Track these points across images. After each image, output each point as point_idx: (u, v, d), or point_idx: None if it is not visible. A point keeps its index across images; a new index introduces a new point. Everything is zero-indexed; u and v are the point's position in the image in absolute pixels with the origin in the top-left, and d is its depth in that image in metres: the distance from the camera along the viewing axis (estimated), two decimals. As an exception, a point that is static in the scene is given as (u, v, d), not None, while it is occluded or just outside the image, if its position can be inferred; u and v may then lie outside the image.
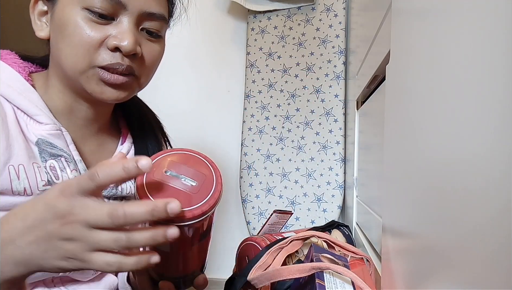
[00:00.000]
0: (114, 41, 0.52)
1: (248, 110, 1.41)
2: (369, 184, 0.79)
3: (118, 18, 0.53)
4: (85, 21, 0.51)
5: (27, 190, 0.51)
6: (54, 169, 0.54)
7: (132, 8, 0.53)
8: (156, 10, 0.56)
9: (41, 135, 0.53)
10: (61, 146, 0.55)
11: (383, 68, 0.56)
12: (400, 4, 0.45)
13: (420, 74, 0.35)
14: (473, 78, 0.23)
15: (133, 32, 0.53)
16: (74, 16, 0.51)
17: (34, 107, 0.54)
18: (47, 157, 0.54)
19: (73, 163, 0.56)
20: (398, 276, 0.41)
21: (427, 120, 0.32)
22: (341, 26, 1.33)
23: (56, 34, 0.54)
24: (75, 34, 0.51)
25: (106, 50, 0.52)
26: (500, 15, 0.20)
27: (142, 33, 0.56)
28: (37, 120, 0.54)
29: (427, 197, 0.31)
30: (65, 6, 0.52)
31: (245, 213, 1.38)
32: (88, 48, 0.52)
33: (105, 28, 0.52)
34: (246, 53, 1.44)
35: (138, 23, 0.55)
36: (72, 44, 0.52)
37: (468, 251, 0.23)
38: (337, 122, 1.31)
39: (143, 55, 0.56)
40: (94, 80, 0.53)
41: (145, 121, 0.70)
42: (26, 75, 0.56)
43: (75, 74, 0.53)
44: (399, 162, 0.43)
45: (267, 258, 0.59)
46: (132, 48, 0.52)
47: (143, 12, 0.54)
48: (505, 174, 0.18)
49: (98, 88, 0.54)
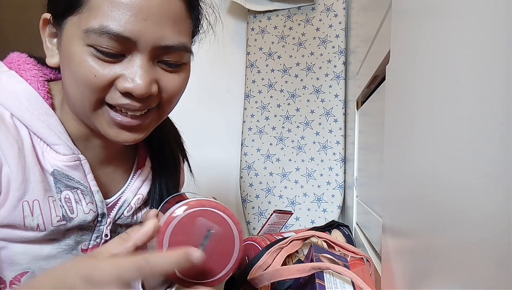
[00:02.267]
0: (124, 83, 0.45)
1: (248, 110, 1.41)
2: (369, 184, 0.79)
3: (130, 54, 0.46)
4: (91, 59, 0.44)
5: (40, 226, 0.49)
6: (69, 201, 0.51)
7: (144, 44, 0.45)
8: (174, 41, 0.47)
9: (57, 167, 0.50)
10: (78, 178, 0.52)
11: (383, 68, 0.56)
12: (400, 4, 0.45)
13: (420, 74, 0.35)
14: (473, 78, 0.23)
15: (147, 71, 0.46)
16: (79, 53, 0.44)
17: (53, 134, 0.49)
18: (62, 188, 0.50)
19: (90, 195, 0.53)
20: (398, 276, 0.41)
21: (427, 120, 0.32)
22: (341, 26, 1.33)
23: (63, 67, 0.48)
24: (80, 73, 0.45)
25: (117, 93, 0.46)
26: (500, 15, 0.20)
27: (160, 65, 0.49)
28: (55, 149, 0.50)
29: (427, 197, 0.31)
30: (69, 39, 0.46)
31: (245, 213, 1.38)
32: (95, 89, 0.45)
33: (115, 66, 0.45)
34: (246, 53, 1.44)
35: (153, 58, 0.47)
36: (78, 82, 0.45)
37: (468, 251, 0.23)
38: (337, 122, 1.31)
39: (161, 89, 0.49)
40: (106, 121, 0.48)
41: (165, 142, 0.64)
42: (45, 93, 0.51)
43: (84, 111, 0.48)
44: (399, 162, 0.43)
45: (267, 258, 0.59)
46: (146, 91, 0.46)
47: (158, 46, 0.46)
48: (506, 174, 0.18)
49: (111, 131, 0.48)
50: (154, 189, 0.62)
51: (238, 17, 1.51)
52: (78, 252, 0.54)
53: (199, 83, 1.54)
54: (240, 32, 1.50)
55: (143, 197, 0.61)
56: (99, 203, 0.54)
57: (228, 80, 1.52)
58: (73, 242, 0.53)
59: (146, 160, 0.63)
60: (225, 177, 1.50)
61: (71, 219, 0.51)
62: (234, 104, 1.51)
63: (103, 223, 0.56)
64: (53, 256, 0.52)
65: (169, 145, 0.66)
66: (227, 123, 1.52)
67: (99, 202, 0.54)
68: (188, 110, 1.54)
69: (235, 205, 1.49)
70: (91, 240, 0.55)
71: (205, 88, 1.54)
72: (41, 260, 0.51)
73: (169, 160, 0.64)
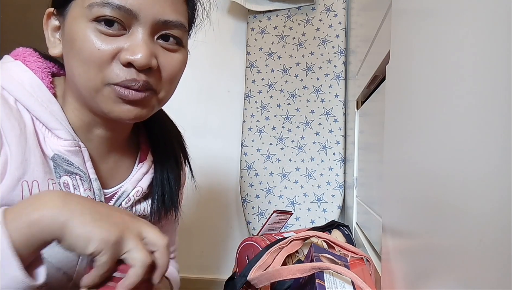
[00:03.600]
0: (126, 55, 0.47)
1: (248, 110, 1.41)
2: (369, 184, 0.79)
3: (131, 29, 0.48)
4: (94, 34, 0.47)
5: None
6: (68, 186, 0.52)
7: (145, 17, 0.48)
8: (173, 17, 0.50)
9: (58, 151, 0.51)
10: (77, 163, 0.53)
11: (383, 68, 0.56)
12: (400, 4, 0.45)
13: (420, 74, 0.35)
14: (473, 77, 0.23)
15: (147, 43, 0.48)
16: (83, 30, 0.47)
17: (55, 120, 0.51)
18: (61, 173, 0.52)
19: (88, 182, 0.54)
20: (398, 276, 0.41)
21: (427, 120, 0.32)
22: (341, 26, 1.33)
23: (67, 51, 0.50)
24: (84, 49, 0.47)
25: (119, 65, 0.48)
26: (500, 15, 0.20)
27: (159, 43, 0.51)
28: (56, 134, 0.51)
29: (427, 197, 0.31)
30: (74, 20, 0.48)
31: (245, 213, 1.38)
32: (100, 64, 0.47)
33: (117, 40, 0.48)
34: (246, 53, 1.44)
35: (153, 33, 0.50)
36: (83, 59, 0.47)
37: (467, 251, 0.23)
38: (337, 122, 1.31)
39: (160, 67, 0.51)
40: (112, 99, 0.49)
41: (167, 139, 0.66)
42: (49, 83, 0.53)
43: (90, 93, 0.49)
44: (399, 162, 0.43)
45: (267, 258, 0.59)
46: (147, 62, 0.48)
47: (158, 20, 0.49)
48: (506, 174, 0.18)
49: (116, 107, 0.50)
50: (156, 183, 0.63)
51: (238, 17, 1.51)
52: None
53: (199, 83, 1.54)
54: (240, 32, 1.50)
55: (143, 190, 0.61)
56: (96, 191, 0.55)
57: (228, 80, 1.52)
58: None
59: (148, 155, 0.64)
60: (225, 177, 1.50)
61: None
62: (234, 104, 1.51)
63: None
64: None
65: (171, 143, 0.67)
66: (227, 123, 1.52)
67: (97, 190, 0.55)
68: (188, 110, 1.54)
69: (235, 205, 1.49)
70: None
71: (205, 88, 1.54)
72: None
73: (170, 157, 0.65)
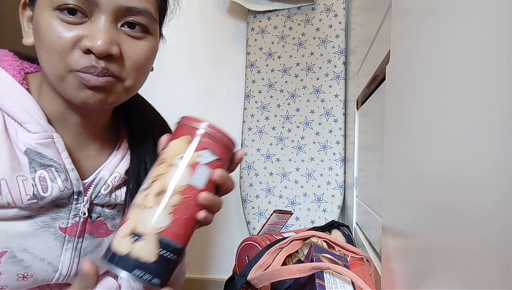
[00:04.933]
0: (86, 42, 0.48)
1: (248, 110, 1.41)
2: (369, 184, 0.79)
3: (93, 16, 0.49)
4: (57, 22, 0.48)
5: (11, 204, 0.50)
6: (44, 179, 0.52)
7: (106, 4, 0.48)
8: (136, 3, 0.50)
9: (29, 145, 0.51)
10: (51, 155, 0.53)
11: (383, 68, 0.56)
12: (400, 4, 0.45)
13: (420, 74, 0.35)
14: (473, 77, 0.23)
15: (107, 31, 0.48)
16: (46, 18, 0.48)
17: (25, 113, 0.52)
18: (37, 167, 0.52)
19: (64, 172, 0.54)
20: (398, 276, 0.41)
21: (427, 120, 0.32)
22: (341, 26, 1.33)
23: (36, 41, 0.51)
24: (47, 37, 0.48)
25: (80, 52, 0.48)
26: (500, 15, 0.20)
27: (123, 30, 0.51)
28: (26, 128, 0.52)
29: (427, 197, 0.31)
30: (39, 9, 0.49)
31: (245, 213, 1.38)
32: (61, 51, 0.48)
33: (78, 28, 0.48)
34: (246, 53, 1.44)
35: (115, 20, 0.50)
36: (47, 47, 0.48)
37: (468, 251, 0.23)
38: (337, 122, 1.31)
39: (123, 55, 0.51)
40: (75, 85, 0.50)
41: (146, 123, 0.67)
42: (21, 78, 0.54)
43: (56, 80, 0.50)
44: (399, 162, 0.43)
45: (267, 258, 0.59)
46: (105, 49, 0.48)
47: (120, 7, 0.49)
48: (506, 174, 0.18)
49: (80, 93, 0.50)
50: (132, 168, 0.63)
51: (238, 17, 1.51)
52: (56, 230, 0.55)
53: (199, 83, 1.54)
54: (240, 32, 1.50)
55: (121, 176, 0.62)
56: (74, 181, 0.55)
57: (228, 80, 1.52)
58: (48, 218, 0.54)
59: (123, 141, 0.65)
60: (225, 177, 1.50)
61: (43, 198, 0.52)
62: (234, 104, 1.51)
63: (79, 201, 0.57)
64: (30, 233, 0.53)
65: (151, 129, 0.67)
66: (227, 123, 1.52)
67: (75, 180, 0.56)
68: (188, 110, 1.54)
69: (235, 205, 1.49)
70: (69, 219, 0.56)
71: (205, 88, 1.54)
72: (19, 238, 0.52)
73: (149, 143, 0.65)
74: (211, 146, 0.45)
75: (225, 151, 0.46)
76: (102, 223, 0.61)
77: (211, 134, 0.45)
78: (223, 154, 0.46)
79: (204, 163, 0.45)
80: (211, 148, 0.45)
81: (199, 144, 0.45)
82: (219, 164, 0.46)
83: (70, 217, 0.56)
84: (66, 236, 0.56)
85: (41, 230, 0.53)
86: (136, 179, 0.63)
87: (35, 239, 0.53)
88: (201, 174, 0.44)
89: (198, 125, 0.45)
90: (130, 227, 0.42)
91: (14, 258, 0.52)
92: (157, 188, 0.44)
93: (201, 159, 0.44)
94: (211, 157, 0.45)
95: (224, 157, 0.46)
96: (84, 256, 0.59)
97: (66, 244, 0.56)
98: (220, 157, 0.46)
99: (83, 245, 0.58)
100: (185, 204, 0.44)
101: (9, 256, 0.51)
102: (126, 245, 0.41)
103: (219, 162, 0.46)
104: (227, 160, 0.47)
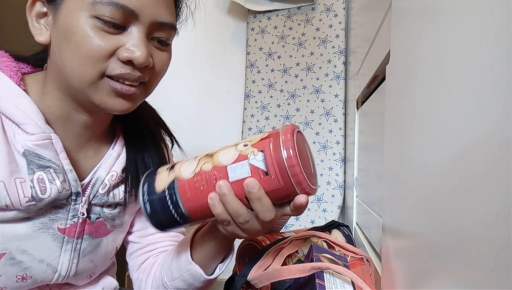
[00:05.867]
0: (126, 53, 0.49)
1: (248, 110, 1.41)
2: (369, 184, 0.79)
3: (129, 28, 0.50)
4: (94, 30, 0.48)
5: (9, 206, 0.50)
6: (43, 181, 0.52)
7: (144, 18, 0.50)
8: (167, 19, 0.53)
9: (27, 146, 0.51)
10: (49, 156, 0.53)
11: (383, 68, 0.56)
12: (400, 4, 0.45)
13: (420, 74, 0.35)
14: (473, 77, 0.23)
15: (145, 43, 0.51)
16: (83, 24, 0.48)
17: (22, 114, 0.51)
18: (35, 169, 0.52)
19: (63, 173, 0.54)
20: (398, 276, 0.41)
21: (427, 120, 0.32)
22: (341, 26, 1.33)
23: (60, 42, 0.50)
24: (83, 44, 0.48)
25: (117, 61, 0.50)
26: (500, 15, 0.20)
27: (153, 42, 0.54)
28: (24, 129, 0.51)
29: (427, 197, 0.31)
30: (71, 12, 0.49)
31: (245, 213, 1.38)
32: (98, 59, 0.49)
33: (116, 38, 0.49)
34: (246, 53, 1.44)
35: (149, 33, 0.52)
36: (80, 54, 0.48)
37: (468, 251, 0.23)
38: (337, 122, 1.31)
39: (154, 64, 0.54)
40: (104, 91, 0.51)
41: (141, 120, 0.67)
42: (18, 79, 0.54)
43: (82, 84, 0.50)
44: (399, 162, 0.43)
45: (267, 258, 0.59)
46: (145, 60, 0.50)
47: (155, 22, 0.52)
48: (505, 174, 0.18)
49: (109, 100, 0.51)
50: (129, 165, 0.63)
51: (238, 17, 1.51)
52: (55, 231, 0.55)
53: (199, 83, 1.54)
54: (240, 32, 1.50)
55: (118, 175, 0.62)
56: (72, 182, 0.55)
57: (228, 80, 1.52)
58: (47, 220, 0.54)
59: (118, 139, 0.65)
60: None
61: (42, 200, 0.52)
62: (234, 104, 1.51)
63: (78, 202, 0.57)
64: (29, 235, 0.52)
65: (146, 125, 0.67)
66: (227, 123, 1.52)
67: (73, 181, 0.56)
68: (188, 110, 1.54)
69: (235, 205, 1.48)
70: (68, 219, 0.56)
71: (205, 88, 1.54)
72: (17, 240, 0.52)
73: (146, 138, 0.66)
74: (268, 156, 0.43)
75: (279, 173, 0.43)
76: (101, 224, 0.61)
77: (277, 148, 0.43)
78: (274, 173, 0.43)
79: (249, 162, 0.43)
80: (267, 157, 0.43)
81: (260, 144, 0.44)
82: (261, 179, 0.43)
83: (68, 218, 0.56)
84: (65, 237, 0.56)
85: (39, 231, 0.53)
86: (135, 172, 0.63)
87: (33, 240, 0.53)
88: (240, 168, 0.44)
89: (282, 134, 0.44)
90: (174, 163, 0.50)
91: (13, 260, 0.52)
92: (211, 152, 0.47)
93: (251, 156, 0.43)
94: (260, 163, 0.43)
95: (273, 178, 0.43)
96: (84, 257, 0.59)
97: (65, 245, 0.56)
98: (269, 173, 0.43)
99: (82, 246, 0.58)
100: (209, 177, 0.45)
101: (8, 258, 0.51)
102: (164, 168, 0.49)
103: (263, 176, 0.43)
104: (277, 186, 0.44)
